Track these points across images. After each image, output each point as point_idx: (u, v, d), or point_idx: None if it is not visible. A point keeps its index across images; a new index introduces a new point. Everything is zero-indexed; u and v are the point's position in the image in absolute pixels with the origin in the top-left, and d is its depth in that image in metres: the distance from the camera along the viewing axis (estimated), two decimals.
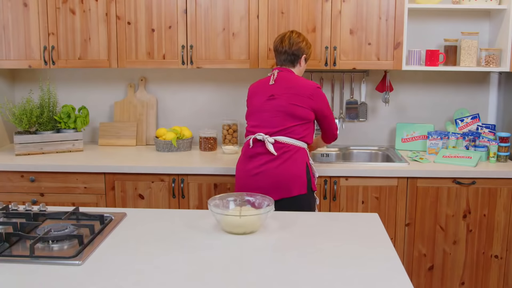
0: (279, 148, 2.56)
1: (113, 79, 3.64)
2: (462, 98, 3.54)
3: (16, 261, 1.67)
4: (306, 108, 2.59)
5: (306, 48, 2.73)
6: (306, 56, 2.75)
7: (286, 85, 2.62)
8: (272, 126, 2.59)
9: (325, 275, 1.59)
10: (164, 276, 1.58)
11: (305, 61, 2.77)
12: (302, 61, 2.74)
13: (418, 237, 3.04)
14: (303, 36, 2.76)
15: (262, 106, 2.63)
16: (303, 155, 2.60)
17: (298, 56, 2.71)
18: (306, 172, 2.58)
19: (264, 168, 2.56)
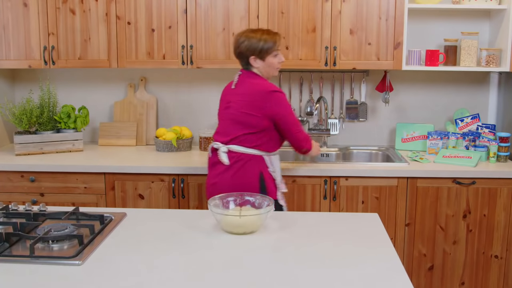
0: (232, 157, 2.50)
1: (113, 79, 3.64)
2: (462, 98, 3.54)
3: (16, 261, 1.67)
4: (258, 116, 2.46)
5: (251, 47, 2.50)
6: (257, 55, 2.51)
7: (242, 91, 2.52)
8: (226, 134, 2.53)
9: (325, 275, 1.59)
10: (164, 276, 1.58)
11: (261, 59, 2.52)
12: (253, 61, 2.53)
13: (418, 237, 3.04)
14: (248, 33, 2.54)
15: (221, 113, 2.63)
16: (257, 164, 2.51)
17: (247, 56, 2.53)
18: (259, 181, 2.51)
19: (218, 178, 2.52)
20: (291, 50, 3.17)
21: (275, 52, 2.54)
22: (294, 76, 3.55)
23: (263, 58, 2.52)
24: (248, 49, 2.51)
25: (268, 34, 2.53)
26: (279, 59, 2.57)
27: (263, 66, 2.55)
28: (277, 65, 2.57)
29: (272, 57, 2.54)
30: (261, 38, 2.50)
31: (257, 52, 2.51)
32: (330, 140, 3.57)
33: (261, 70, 2.56)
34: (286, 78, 3.55)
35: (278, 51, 2.55)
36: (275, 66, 2.57)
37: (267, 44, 2.50)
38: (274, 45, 2.52)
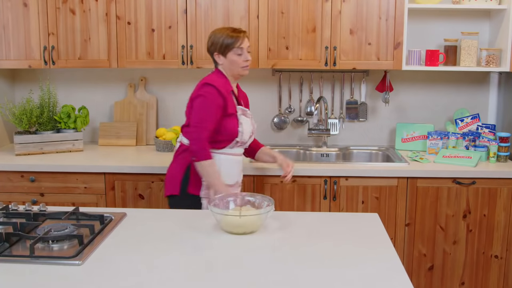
0: (178, 147, 2.64)
1: (113, 79, 3.64)
2: (462, 98, 3.54)
3: (16, 261, 1.67)
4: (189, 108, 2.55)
5: (214, 42, 2.53)
6: (219, 51, 2.52)
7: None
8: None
9: (325, 275, 1.59)
10: (164, 276, 1.58)
11: (224, 56, 2.52)
12: (216, 58, 2.55)
13: (418, 237, 3.04)
14: (216, 30, 2.57)
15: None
16: (189, 155, 2.52)
17: (211, 52, 2.56)
18: (184, 173, 2.52)
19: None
20: (291, 50, 3.17)
21: (237, 50, 2.50)
22: (294, 76, 3.55)
23: (225, 55, 2.51)
24: (212, 44, 2.54)
25: (233, 31, 2.52)
26: (244, 57, 2.52)
27: (226, 63, 2.53)
28: (242, 64, 2.52)
29: (234, 54, 2.50)
30: (223, 34, 2.51)
31: (219, 48, 2.51)
32: (330, 140, 3.57)
33: (225, 67, 2.55)
34: (286, 78, 3.55)
35: (241, 49, 2.50)
36: (240, 65, 2.52)
37: (228, 40, 2.49)
38: (236, 42, 2.49)
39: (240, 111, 2.58)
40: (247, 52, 2.54)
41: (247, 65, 2.55)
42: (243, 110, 2.61)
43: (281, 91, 3.56)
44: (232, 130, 2.53)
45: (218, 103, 2.46)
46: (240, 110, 2.59)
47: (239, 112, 2.58)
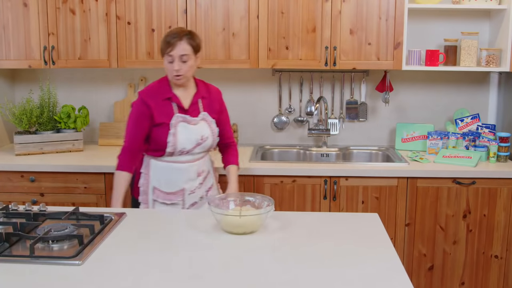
0: None
1: (113, 79, 3.64)
2: (462, 98, 3.54)
3: (16, 261, 1.67)
4: None
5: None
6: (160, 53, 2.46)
7: None
8: None
9: (325, 275, 1.59)
10: (164, 276, 1.58)
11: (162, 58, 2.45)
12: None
13: (418, 237, 3.03)
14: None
15: None
16: (141, 161, 2.56)
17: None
18: (133, 177, 2.55)
19: None
20: (291, 50, 3.17)
21: (167, 57, 2.38)
22: (294, 76, 3.55)
23: (162, 58, 2.44)
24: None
25: (169, 35, 2.39)
26: (173, 67, 2.38)
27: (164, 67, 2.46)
28: (171, 71, 2.39)
29: (165, 60, 2.41)
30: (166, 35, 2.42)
31: (160, 51, 2.45)
32: (330, 140, 3.57)
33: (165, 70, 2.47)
34: (286, 78, 3.55)
35: (171, 56, 2.36)
36: (170, 73, 2.41)
37: (162, 44, 2.40)
38: (166, 48, 2.36)
39: (179, 119, 2.45)
40: (182, 61, 2.37)
41: (178, 75, 2.39)
42: (184, 118, 2.46)
43: (281, 91, 3.55)
44: (160, 140, 2.44)
45: (142, 113, 2.43)
46: (179, 118, 2.45)
47: (177, 119, 2.45)
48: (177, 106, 2.47)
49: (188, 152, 2.49)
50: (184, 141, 2.45)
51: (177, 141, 2.43)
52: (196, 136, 2.48)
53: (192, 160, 2.52)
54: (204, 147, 2.54)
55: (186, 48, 2.37)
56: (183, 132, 2.45)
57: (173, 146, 2.43)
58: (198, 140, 2.49)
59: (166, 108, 2.45)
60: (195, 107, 2.52)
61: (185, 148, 2.46)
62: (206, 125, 2.53)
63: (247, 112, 3.60)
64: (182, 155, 2.48)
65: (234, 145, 2.72)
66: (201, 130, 2.50)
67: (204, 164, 2.59)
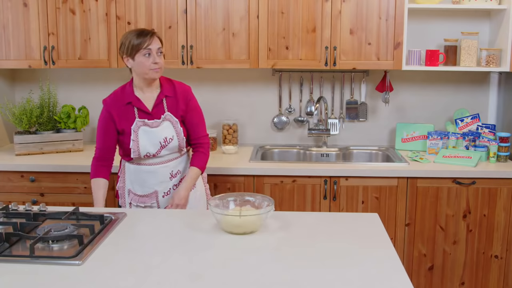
0: None
1: (113, 79, 3.64)
2: (462, 98, 3.54)
3: (16, 261, 1.67)
4: None
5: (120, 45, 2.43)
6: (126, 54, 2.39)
7: None
8: None
9: (325, 275, 1.59)
10: (164, 276, 1.58)
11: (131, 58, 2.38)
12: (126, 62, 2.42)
13: (418, 237, 3.03)
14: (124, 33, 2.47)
15: None
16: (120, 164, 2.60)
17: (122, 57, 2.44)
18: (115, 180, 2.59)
19: None
20: (291, 50, 3.17)
21: (144, 51, 2.34)
22: (294, 76, 3.55)
23: (133, 57, 2.37)
24: (120, 46, 2.41)
25: (141, 32, 2.38)
26: (152, 59, 2.35)
27: (135, 66, 2.39)
28: (150, 66, 2.36)
29: (141, 56, 2.35)
30: (131, 35, 2.37)
31: (126, 50, 2.38)
32: (330, 140, 3.57)
33: (135, 70, 2.41)
34: (286, 78, 3.55)
35: (149, 50, 2.35)
36: (148, 67, 2.36)
37: (135, 41, 2.35)
38: (143, 42, 2.34)
39: (139, 124, 2.43)
40: (158, 54, 2.37)
41: (156, 68, 2.37)
42: (144, 122, 2.43)
43: (281, 91, 3.55)
44: (124, 147, 2.48)
45: (106, 121, 2.45)
46: (139, 123, 2.43)
47: (137, 125, 2.42)
48: (138, 110, 2.44)
49: (155, 156, 2.46)
50: (146, 145, 2.43)
51: (139, 147, 2.42)
52: (159, 138, 2.44)
53: (162, 161, 2.49)
54: (171, 149, 2.48)
55: (159, 42, 2.41)
56: (144, 137, 2.42)
57: (136, 152, 2.43)
58: (161, 142, 2.45)
59: (128, 114, 2.44)
60: (160, 108, 2.47)
61: (149, 152, 2.44)
62: (170, 126, 2.47)
63: (247, 112, 3.60)
64: (149, 158, 2.47)
65: (203, 146, 2.58)
66: (163, 132, 2.45)
67: (179, 165, 2.54)
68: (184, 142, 2.51)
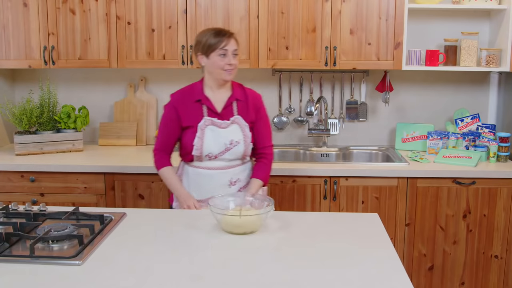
0: None
1: (113, 79, 3.64)
2: (462, 98, 3.54)
3: (16, 261, 1.67)
4: None
5: (195, 43, 2.41)
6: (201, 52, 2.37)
7: None
8: None
9: (325, 275, 1.59)
10: (164, 276, 1.58)
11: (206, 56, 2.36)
12: (200, 59, 2.40)
13: (418, 237, 3.03)
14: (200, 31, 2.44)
15: None
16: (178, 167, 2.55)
17: (195, 54, 2.42)
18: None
19: None
20: (291, 50, 3.17)
21: (220, 51, 2.32)
22: (294, 76, 3.55)
23: (207, 55, 2.35)
24: (196, 44, 2.40)
25: (219, 32, 2.36)
26: (227, 60, 2.33)
27: (208, 65, 2.37)
28: (224, 66, 2.33)
29: (216, 56, 2.33)
30: (208, 34, 2.36)
31: (201, 48, 2.36)
32: (330, 140, 3.57)
33: (207, 69, 2.39)
34: (286, 78, 3.55)
35: (225, 51, 2.32)
36: (221, 67, 2.34)
37: (212, 40, 2.33)
38: (220, 42, 2.32)
39: (207, 122, 2.38)
40: (233, 55, 2.35)
41: (230, 69, 2.35)
42: (213, 121, 2.39)
43: (281, 91, 3.55)
44: (186, 143, 2.39)
45: (170, 116, 2.42)
46: (207, 121, 2.38)
47: (205, 123, 2.38)
48: (207, 109, 2.40)
49: (217, 157, 2.39)
50: (210, 145, 2.37)
51: (203, 145, 2.36)
52: (225, 140, 2.38)
53: (223, 167, 2.41)
54: (235, 153, 2.41)
55: (236, 44, 2.37)
56: (210, 136, 2.37)
57: (198, 149, 2.36)
58: (226, 144, 2.38)
59: (196, 111, 2.40)
60: (229, 110, 2.42)
61: (212, 152, 2.38)
62: (238, 129, 2.41)
63: None
64: (211, 160, 2.40)
65: (267, 157, 2.51)
66: (231, 134, 2.39)
67: (239, 173, 2.45)
68: (250, 149, 2.45)
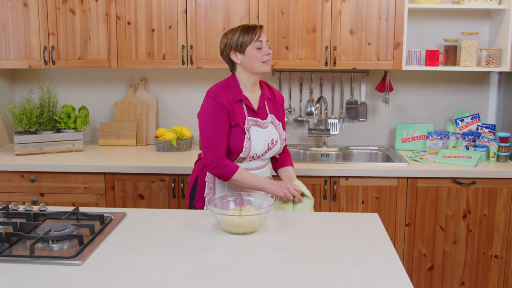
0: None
1: (113, 79, 3.64)
2: (462, 98, 3.54)
3: (16, 261, 1.67)
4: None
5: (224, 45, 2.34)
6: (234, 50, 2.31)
7: None
8: None
9: (325, 275, 1.59)
10: (164, 276, 1.58)
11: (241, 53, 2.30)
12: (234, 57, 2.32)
13: (418, 237, 3.03)
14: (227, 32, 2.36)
15: None
16: (199, 167, 2.43)
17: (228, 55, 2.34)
18: (193, 185, 2.45)
19: None
20: (291, 50, 3.17)
21: (256, 43, 2.28)
22: (294, 76, 3.55)
23: (242, 51, 2.30)
24: (225, 45, 2.33)
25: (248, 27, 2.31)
26: (265, 51, 2.30)
27: (245, 61, 2.30)
28: (263, 58, 2.29)
29: (253, 49, 2.28)
30: (237, 31, 2.30)
31: (235, 46, 2.30)
32: (330, 140, 3.57)
33: (245, 66, 2.32)
34: (286, 78, 3.55)
35: (260, 42, 2.29)
36: (260, 59, 2.29)
37: (245, 35, 2.28)
38: (254, 35, 2.28)
39: (250, 122, 2.32)
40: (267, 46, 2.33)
41: (268, 59, 2.30)
42: (256, 121, 2.34)
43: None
44: (235, 145, 2.31)
45: (222, 116, 2.27)
46: (251, 121, 2.33)
47: (249, 123, 2.32)
48: (247, 109, 2.34)
49: (259, 158, 2.37)
50: (256, 146, 2.32)
51: (251, 146, 2.31)
52: (268, 140, 2.36)
53: (261, 166, 2.41)
54: (274, 152, 2.41)
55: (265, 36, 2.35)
56: (255, 136, 2.32)
57: (247, 150, 2.31)
58: (269, 144, 2.36)
59: (238, 110, 2.31)
60: (263, 110, 2.39)
61: (257, 152, 2.34)
62: (274, 128, 2.40)
63: None
64: (252, 160, 2.37)
65: (285, 149, 2.55)
66: (271, 133, 2.38)
67: (268, 171, 2.48)
68: (283, 147, 2.46)
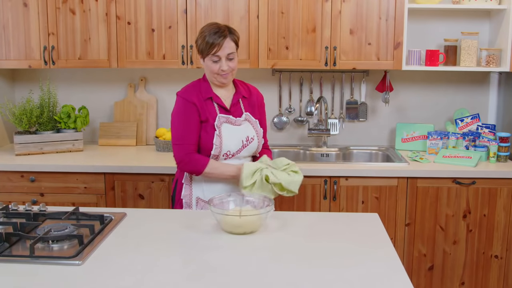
0: None
1: (113, 79, 3.64)
2: (462, 98, 3.54)
3: (16, 261, 1.67)
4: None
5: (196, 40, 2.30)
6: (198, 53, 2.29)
7: None
8: None
9: (325, 275, 1.59)
10: (164, 276, 1.58)
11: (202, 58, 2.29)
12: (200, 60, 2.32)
13: (418, 237, 3.03)
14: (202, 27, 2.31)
15: None
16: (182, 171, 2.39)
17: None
18: (174, 188, 2.45)
19: None
20: (291, 50, 3.17)
21: (213, 58, 2.23)
22: (294, 76, 3.55)
23: (203, 58, 2.28)
24: (196, 41, 2.29)
25: (214, 34, 2.21)
26: (220, 66, 2.23)
27: (205, 67, 2.29)
28: (216, 71, 2.25)
29: (209, 60, 2.24)
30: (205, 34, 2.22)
31: (198, 49, 2.28)
32: (330, 140, 3.57)
33: (205, 71, 2.32)
34: (286, 78, 3.55)
35: (217, 57, 2.22)
36: (214, 71, 2.25)
37: (204, 45, 2.23)
38: (211, 49, 2.20)
39: (222, 119, 2.30)
40: (228, 59, 2.24)
41: (224, 74, 2.26)
42: (228, 118, 2.32)
43: (281, 91, 3.56)
44: (205, 143, 2.28)
45: (190, 113, 2.26)
46: (222, 118, 2.30)
47: (220, 120, 2.30)
48: (218, 106, 2.32)
49: (234, 156, 2.33)
50: (228, 143, 2.29)
51: (222, 143, 2.28)
52: (241, 137, 2.33)
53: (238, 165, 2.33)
54: (250, 150, 2.37)
55: (232, 46, 2.24)
56: (227, 134, 2.29)
57: (218, 147, 2.27)
58: (243, 141, 2.33)
59: (208, 107, 2.29)
60: (237, 108, 2.37)
61: (230, 150, 2.31)
62: (250, 126, 2.38)
63: None
64: (227, 159, 2.33)
65: (266, 146, 2.53)
66: (245, 131, 2.35)
67: None
68: (261, 145, 2.42)
